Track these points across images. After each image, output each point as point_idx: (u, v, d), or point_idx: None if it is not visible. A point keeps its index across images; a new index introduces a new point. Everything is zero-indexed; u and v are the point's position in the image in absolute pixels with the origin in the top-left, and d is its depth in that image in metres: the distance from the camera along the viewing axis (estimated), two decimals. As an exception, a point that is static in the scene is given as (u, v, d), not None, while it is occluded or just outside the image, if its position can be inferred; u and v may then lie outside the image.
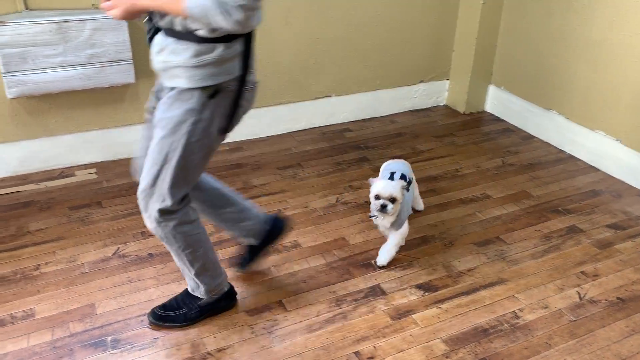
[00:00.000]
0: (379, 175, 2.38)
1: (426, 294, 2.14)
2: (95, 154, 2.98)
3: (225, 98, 1.63)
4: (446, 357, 1.86)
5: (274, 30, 3.12)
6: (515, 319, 2.03)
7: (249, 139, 3.30)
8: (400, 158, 2.52)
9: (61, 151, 2.91)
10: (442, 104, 3.87)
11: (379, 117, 3.65)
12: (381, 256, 2.25)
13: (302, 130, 3.44)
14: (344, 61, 3.40)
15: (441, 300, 2.10)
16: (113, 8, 1.55)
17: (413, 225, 2.54)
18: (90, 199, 2.68)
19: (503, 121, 3.65)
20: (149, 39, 1.66)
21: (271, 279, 2.19)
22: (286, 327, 1.96)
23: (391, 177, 2.24)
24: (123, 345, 1.87)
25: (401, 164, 2.40)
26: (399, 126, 3.55)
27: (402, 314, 2.03)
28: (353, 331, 1.96)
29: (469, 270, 2.27)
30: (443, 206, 2.70)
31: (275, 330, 1.95)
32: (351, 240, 2.43)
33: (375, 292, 2.14)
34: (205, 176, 1.96)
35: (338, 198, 2.74)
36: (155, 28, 1.63)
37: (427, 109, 3.80)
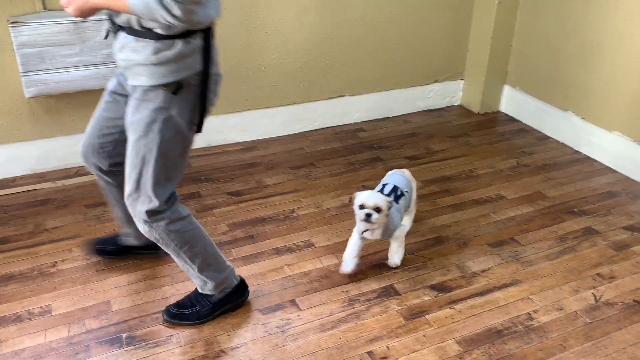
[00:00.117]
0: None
1: (440, 294, 2.13)
2: (111, 153, 3.01)
3: (190, 93, 1.65)
4: (459, 358, 1.85)
5: (288, 29, 3.13)
6: (530, 321, 2.01)
7: (262, 138, 3.32)
8: (414, 158, 2.51)
9: (77, 150, 2.89)
10: (457, 104, 3.85)
11: (392, 117, 3.64)
12: (391, 259, 2.25)
13: (316, 130, 3.45)
14: (358, 61, 3.40)
15: (455, 301, 2.10)
16: (69, 5, 1.59)
17: (427, 225, 2.53)
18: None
19: (518, 121, 3.62)
20: (106, 37, 1.70)
21: (284, 278, 2.20)
22: (299, 326, 1.97)
23: (381, 191, 2.22)
24: (138, 342, 1.89)
25: (399, 175, 2.34)
26: (413, 126, 3.54)
27: (416, 315, 2.03)
28: (366, 331, 1.96)
29: (483, 271, 2.26)
30: (457, 207, 2.69)
31: (288, 329, 1.96)
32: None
33: (389, 292, 2.13)
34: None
35: (351, 198, 2.73)
36: (117, 27, 1.64)
37: (442, 109, 3.79)
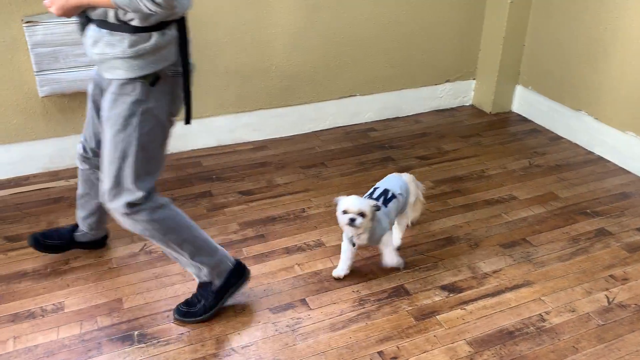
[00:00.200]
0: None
1: (451, 295, 2.12)
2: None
3: (166, 84, 1.66)
4: (470, 359, 1.84)
5: (298, 29, 3.13)
6: (542, 322, 2.00)
7: (273, 137, 3.32)
8: (425, 158, 2.49)
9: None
10: (468, 104, 3.83)
11: (403, 117, 3.63)
12: (391, 262, 2.14)
13: (326, 129, 3.45)
14: (369, 60, 3.40)
15: (466, 302, 2.09)
16: (51, 5, 1.60)
17: (438, 225, 2.52)
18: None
19: (530, 122, 3.60)
20: (82, 31, 1.69)
21: (295, 277, 2.20)
22: (309, 326, 1.97)
23: (371, 194, 2.17)
24: (149, 339, 1.90)
25: (395, 178, 2.28)
26: (424, 126, 3.53)
27: (426, 315, 2.02)
28: (377, 331, 1.95)
29: (495, 272, 2.25)
30: (468, 207, 2.68)
31: (299, 328, 1.96)
32: (375, 240, 2.42)
33: (399, 293, 2.13)
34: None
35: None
36: (87, 20, 1.65)
37: (453, 108, 3.77)
